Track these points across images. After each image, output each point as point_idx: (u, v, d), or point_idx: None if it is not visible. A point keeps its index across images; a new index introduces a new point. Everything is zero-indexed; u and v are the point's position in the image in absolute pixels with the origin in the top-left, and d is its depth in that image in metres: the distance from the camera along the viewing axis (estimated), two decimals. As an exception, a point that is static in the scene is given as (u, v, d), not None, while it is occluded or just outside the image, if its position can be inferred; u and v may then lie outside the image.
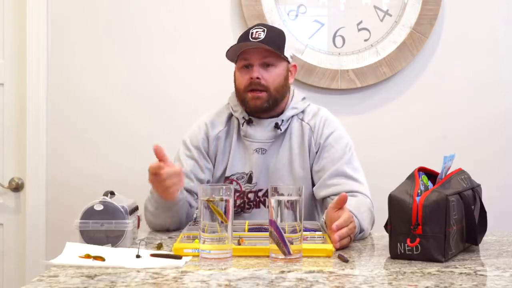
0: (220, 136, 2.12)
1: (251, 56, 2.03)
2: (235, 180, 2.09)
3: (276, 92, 2.05)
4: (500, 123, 2.77)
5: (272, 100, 2.05)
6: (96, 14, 2.76)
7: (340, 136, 2.10)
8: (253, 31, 2.04)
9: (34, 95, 2.73)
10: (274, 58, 2.04)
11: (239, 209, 2.10)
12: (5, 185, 2.76)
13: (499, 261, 1.55)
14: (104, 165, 2.74)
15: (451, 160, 1.66)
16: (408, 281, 1.34)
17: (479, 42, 2.76)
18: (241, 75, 2.07)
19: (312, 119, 2.11)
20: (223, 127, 2.13)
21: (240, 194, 2.09)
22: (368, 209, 1.92)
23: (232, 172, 2.09)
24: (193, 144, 2.11)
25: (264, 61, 2.03)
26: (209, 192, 1.52)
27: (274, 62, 2.05)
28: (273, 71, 2.04)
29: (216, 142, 2.11)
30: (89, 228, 1.65)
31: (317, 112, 2.13)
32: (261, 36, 2.01)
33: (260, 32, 2.02)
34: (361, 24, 2.74)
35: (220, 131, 2.12)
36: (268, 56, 2.03)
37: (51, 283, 1.31)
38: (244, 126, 2.09)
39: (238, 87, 2.09)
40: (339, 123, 2.14)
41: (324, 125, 2.09)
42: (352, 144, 2.11)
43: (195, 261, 1.51)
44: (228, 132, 2.13)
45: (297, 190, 1.51)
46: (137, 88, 2.76)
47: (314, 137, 2.09)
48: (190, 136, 2.14)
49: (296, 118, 2.12)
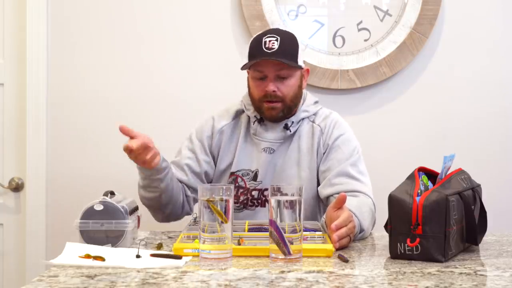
0: (224, 130, 2.14)
1: (265, 68, 2.02)
2: (240, 176, 2.11)
3: (290, 102, 2.06)
4: (500, 123, 2.76)
5: (287, 109, 2.06)
6: (96, 14, 2.76)
7: (348, 139, 2.11)
8: (266, 40, 2.00)
9: (34, 95, 2.73)
10: (288, 69, 2.02)
11: (241, 205, 2.11)
12: (5, 185, 2.76)
13: (499, 261, 1.55)
14: (104, 165, 2.74)
15: (451, 160, 1.66)
16: (408, 281, 1.34)
17: (479, 42, 2.76)
18: (255, 86, 2.06)
19: (323, 121, 2.13)
20: (230, 121, 2.15)
21: (244, 191, 2.11)
22: (369, 209, 1.92)
23: (238, 168, 2.11)
24: (197, 137, 2.15)
25: (279, 73, 2.02)
26: (209, 192, 1.52)
27: (289, 74, 2.03)
28: (288, 82, 2.04)
29: (219, 135, 2.13)
30: (89, 228, 1.65)
31: (329, 115, 2.15)
32: (275, 46, 1.98)
33: (274, 41, 1.99)
34: (361, 24, 2.74)
35: (225, 125, 2.14)
36: (283, 69, 2.01)
37: (51, 283, 1.31)
38: (255, 124, 2.10)
39: (253, 96, 2.09)
40: (349, 127, 2.16)
41: (334, 127, 2.11)
42: (360, 148, 2.12)
43: (195, 261, 1.51)
44: (234, 127, 2.15)
45: (297, 190, 1.51)
46: (137, 88, 2.76)
47: (323, 138, 2.10)
48: (197, 129, 2.18)
49: (307, 120, 2.13)
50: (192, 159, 2.13)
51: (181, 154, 2.14)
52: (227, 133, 2.14)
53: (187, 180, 2.11)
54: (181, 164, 2.12)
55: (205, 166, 2.13)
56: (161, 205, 2.03)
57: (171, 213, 2.08)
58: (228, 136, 2.14)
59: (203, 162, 2.13)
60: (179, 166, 2.12)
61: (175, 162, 2.14)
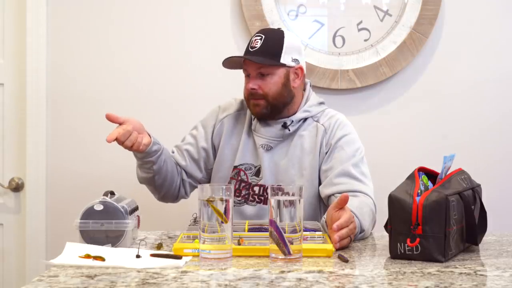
0: (224, 121, 2.18)
1: (248, 67, 2.09)
2: (243, 170, 2.13)
3: (274, 99, 2.07)
4: (500, 123, 2.76)
5: (271, 106, 2.08)
6: (96, 14, 2.76)
7: (352, 140, 2.11)
8: (253, 39, 2.09)
9: (34, 95, 2.73)
10: (269, 67, 2.06)
11: (243, 199, 2.12)
12: (5, 185, 2.76)
13: (499, 261, 1.55)
14: (104, 165, 2.74)
15: (451, 160, 1.66)
16: (408, 281, 1.34)
17: (479, 42, 2.76)
18: (245, 83, 2.13)
19: (327, 120, 2.13)
20: (233, 111, 2.20)
21: (246, 185, 2.11)
22: (370, 210, 1.92)
23: (241, 162, 2.13)
24: (203, 124, 2.22)
25: (259, 71, 2.07)
26: (209, 192, 1.52)
27: (270, 71, 2.07)
28: (269, 80, 2.07)
29: (220, 126, 2.18)
30: (89, 228, 1.65)
31: (334, 115, 2.16)
32: (257, 45, 2.06)
33: (258, 40, 2.07)
34: (361, 24, 2.74)
35: (227, 116, 2.19)
36: (263, 67, 2.06)
37: (51, 283, 1.31)
38: (254, 120, 2.13)
39: (243, 94, 2.15)
40: (354, 129, 2.16)
41: (338, 127, 2.11)
42: (363, 150, 2.12)
43: (195, 261, 1.51)
44: (237, 119, 2.19)
45: (297, 190, 1.51)
46: (137, 88, 2.76)
47: (327, 137, 2.10)
48: (205, 116, 2.24)
49: (311, 120, 2.14)
50: (193, 145, 2.19)
51: (185, 139, 2.22)
52: (228, 124, 2.18)
53: (185, 166, 2.18)
54: (181, 149, 2.19)
55: (203, 153, 2.18)
56: (156, 186, 2.12)
57: (166, 194, 2.17)
58: (229, 127, 2.17)
59: (202, 149, 2.18)
60: (180, 150, 2.20)
61: (178, 146, 2.21)
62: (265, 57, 2.04)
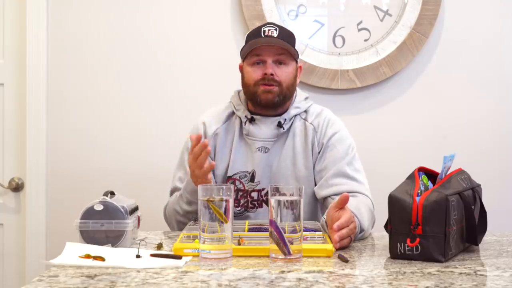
0: (218, 133, 2.12)
1: (264, 52, 2.04)
2: (238, 179, 2.09)
3: (287, 89, 2.06)
4: (500, 123, 2.77)
5: (283, 96, 2.06)
6: (96, 14, 2.76)
7: (343, 137, 2.10)
8: (265, 29, 2.06)
9: (34, 95, 2.73)
10: (286, 56, 2.05)
11: (242, 208, 2.09)
12: (5, 185, 2.76)
13: (499, 261, 1.55)
14: (104, 165, 2.74)
15: (451, 160, 1.66)
16: (408, 281, 1.34)
17: (479, 42, 2.76)
18: (252, 70, 2.06)
19: (315, 119, 2.12)
20: (222, 124, 2.13)
21: (244, 193, 2.09)
22: (368, 209, 1.92)
23: (234, 171, 2.09)
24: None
25: (277, 58, 2.05)
26: (209, 192, 1.52)
27: (286, 61, 2.06)
28: (285, 69, 2.06)
29: (213, 140, 2.11)
30: (89, 228, 1.64)
31: (321, 112, 2.14)
32: (274, 34, 2.04)
33: (273, 30, 2.05)
34: (361, 24, 2.74)
35: (218, 128, 2.12)
36: (282, 54, 2.04)
37: (51, 283, 1.31)
38: (246, 125, 2.08)
39: (247, 82, 2.08)
40: (342, 124, 2.15)
41: (327, 125, 2.10)
42: (355, 145, 2.11)
43: (195, 261, 1.51)
44: (227, 130, 2.13)
45: (297, 190, 1.51)
46: (137, 88, 2.76)
47: (318, 137, 2.09)
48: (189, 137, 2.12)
49: (299, 118, 2.12)
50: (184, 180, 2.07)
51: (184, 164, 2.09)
52: (221, 136, 2.11)
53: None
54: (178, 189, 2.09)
55: None
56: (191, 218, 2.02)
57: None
58: (222, 139, 2.11)
59: None
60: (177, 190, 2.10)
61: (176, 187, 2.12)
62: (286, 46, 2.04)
